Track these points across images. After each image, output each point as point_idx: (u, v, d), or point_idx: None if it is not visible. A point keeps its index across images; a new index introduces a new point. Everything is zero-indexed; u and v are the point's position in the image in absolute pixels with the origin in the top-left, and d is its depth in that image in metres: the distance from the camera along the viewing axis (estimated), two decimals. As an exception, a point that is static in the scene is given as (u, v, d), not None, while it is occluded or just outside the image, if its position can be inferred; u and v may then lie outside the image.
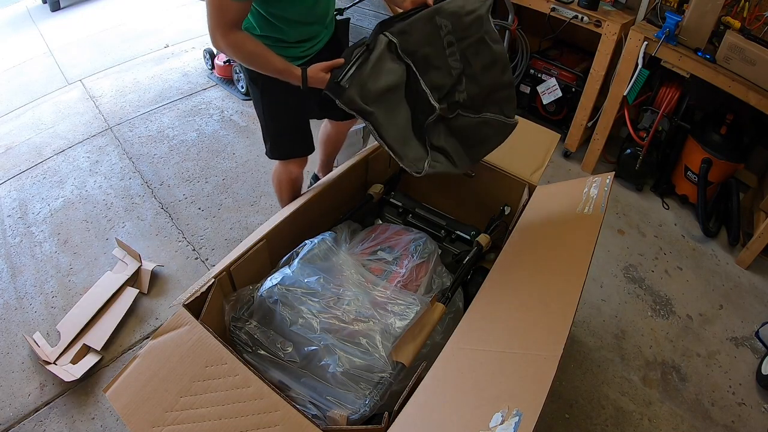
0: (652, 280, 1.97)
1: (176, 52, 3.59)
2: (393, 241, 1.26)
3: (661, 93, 2.12)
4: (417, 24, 1.22)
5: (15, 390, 1.56)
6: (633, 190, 2.40)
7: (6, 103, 3.09)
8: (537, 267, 1.09)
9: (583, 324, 1.78)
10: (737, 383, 1.64)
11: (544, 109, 2.61)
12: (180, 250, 2.03)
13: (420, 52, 1.23)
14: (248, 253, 1.12)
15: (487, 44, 1.21)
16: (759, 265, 2.04)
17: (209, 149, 2.59)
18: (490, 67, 1.23)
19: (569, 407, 1.53)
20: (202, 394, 0.83)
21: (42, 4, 4.59)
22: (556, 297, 0.96)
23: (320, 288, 1.07)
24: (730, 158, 2.03)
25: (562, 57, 2.51)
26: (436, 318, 1.05)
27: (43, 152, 2.59)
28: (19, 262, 2.00)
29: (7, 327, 1.75)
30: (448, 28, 1.21)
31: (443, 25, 1.21)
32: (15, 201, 2.29)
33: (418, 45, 1.22)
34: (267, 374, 0.96)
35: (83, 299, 1.80)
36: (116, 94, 3.09)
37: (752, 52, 1.75)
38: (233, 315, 1.07)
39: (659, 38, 1.91)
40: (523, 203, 1.34)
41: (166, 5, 4.48)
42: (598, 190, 1.20)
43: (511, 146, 1.47)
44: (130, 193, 2.32)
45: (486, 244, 1.30)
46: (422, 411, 0.82)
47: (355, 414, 0.88)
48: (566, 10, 2.20)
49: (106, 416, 1.48)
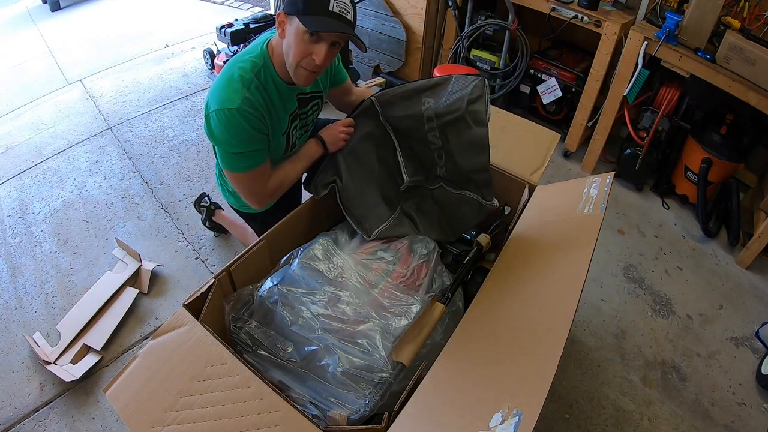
0: (652, 280, 1.97)
1: (176, 52, 3.59)
2: (393, 241, 1.26)
3: (661, 93, 2.12)
4: (402, 96, 1.28)
5: (15, 390, 1.56)
6: (633, 190, 2.40)
7: (6, 103, 3.09)
8: (537, 267, 1.09)
9: (583, 324, 1.78)
10: (737, 383, 1.64)
11: (544, 109, 2.61)
12: (180, 250, 2.03)
13: (402, 123, 1.30)
14: (248, 253, 1.12)
15: (467, 125, 1.20)
16: (759, 265, 2.04)
17: (209, 149, 2.59)
18: (468, 150, 1.23)
19: (569, 407, 1.53)
20: (202, 394, 0.83)
21: (42, 4, 4.60)
22: (556, 297, 0.96)
23: (320, 288, 1.07)
24: (730, 158, 2.03)
25: (562, 57, 2.51)
26: (436, 318, 1.05)
27: (43, 152, 2.59)
28: (19, 262, 2.00)
29: (7, 327, 1.75)
30: (430, 104, 1.24)
31: (426, 101, 1.25)
32: (15, 201, 2.29)
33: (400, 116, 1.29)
34: (267, 374, 0.96)
35: (83, 299, 1.80)
36: (116, 94, 3.09)
37: (752, 52, 1.75)
38: (233, 315, 1.07)
39: (659, 38, 1.91)
40: (523, 203, 1.34)
41: (166, 5, 4.49)
42: (598, 190, 1.20)
43: (511, 146, 1.48)
44: (130, 193, 2.32)
45: (486, 244, 1.30)
46: (422, 411, 0.82)
47: (355, 414, 0.88)
48: (566, 10, 2.20)
49: (106, 416, 1.48)
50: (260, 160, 1.18)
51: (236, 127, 1.10)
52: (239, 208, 1.50)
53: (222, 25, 2.97)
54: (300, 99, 1.27)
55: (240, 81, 1.11)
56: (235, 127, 1.10)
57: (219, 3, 4.59)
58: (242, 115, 1.09)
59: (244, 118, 1.10)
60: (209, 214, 2.03)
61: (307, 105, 1.31)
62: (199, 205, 2.07)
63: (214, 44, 3.24)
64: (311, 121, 1.38)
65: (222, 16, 4.11)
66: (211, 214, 2.03)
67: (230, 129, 1.10)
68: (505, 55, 2.51)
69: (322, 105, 1.40)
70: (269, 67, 1.17)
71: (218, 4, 4.58)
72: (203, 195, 2.07)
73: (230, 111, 1.08)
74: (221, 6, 4.55)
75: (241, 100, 1.09)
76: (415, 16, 2.77)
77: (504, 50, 2.50)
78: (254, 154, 1.16)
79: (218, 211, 2.02)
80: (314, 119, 1.40)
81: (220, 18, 3.62)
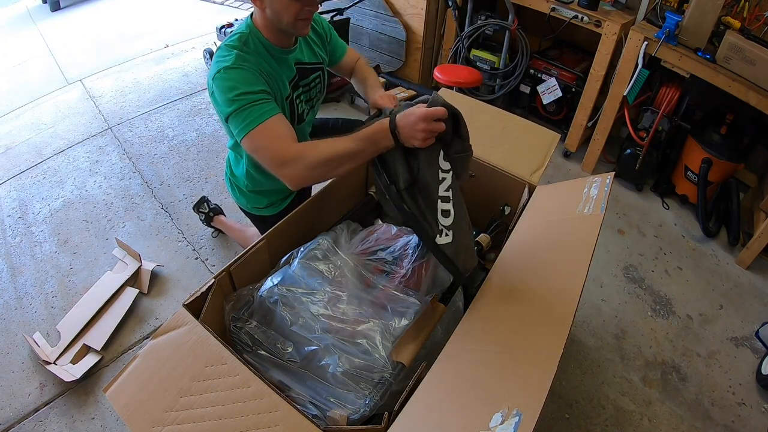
0: (652, 280, 1.97)
1: (176, 52, 3.59)
2: (393, 241, 1.26)
3: (661, 93, 2.12)
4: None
5: (15, 390, 1.56)
6: (633, 190, 2.40)
7: (6, 103, 3.09)
8: (537, 267, 1.09)
9: (583, 324, 1.78)
10: (737, 383, 1.64)
11: (544, 109, 2.61)
12: (180, 250, 2.03)
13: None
14: (248, 253, 1.12)
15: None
16: (759, 265, 2.04)
17: (209, 149, 2.59)
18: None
19: (569, 407, 1.53)
20: (202, 394, 0.83)
21: (42, 4, 4.60)
22: (556, 297, 0.96)
23: (320, 288, 1.07)
24: (730, 158, 2.03)
25: (562, 57, 2.51)
26: (436, 318, 1.05)
27: (43, 152, 2.59)
28: (19, 262, 2.00)
29: (7, 327, 1.75)
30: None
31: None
32: (15, 201, 2.29)
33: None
34: (267, 374, 0.96)
35: (83, 299, 1.80)
36: (116, 94, 3.09)
37: (752, 52, 1.75)
38: (233, 315, 1.07)
39: (659, 38, 1.91)
40: (523, 203, 1.34)
41: (166, 5, 4.49)
42: (598, 190, 1.19)
43: (511, 146, 1.48)
44: (130, 193, 2.32)
45: (486, 244, 1.30)
46: (422, 411, 0.82)
47: (355, 414, 0.88)
48: (566, 10, 2.20)
49: (106, 416, 1.48)
50: (270, 108, 1.06)
51: (233, 80, 1.06)
52: (250, 210, 1.49)
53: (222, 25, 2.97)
54: (300, 69, 1.26)
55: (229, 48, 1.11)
56: (232, 80, 1.06)
57: (219, 3, 4.59)
58: (238, 66, 1.08)
59: (240, 68, 1.08)
60: (208, 221, 2.06)
61: (308, 76, 1.30)
62: (198, 210, 2.08)
63: (214, 44, 3.24)
64: (316, 94, 1.37)
65: (222, 16, 4.11)
66: (209, 221, 2.05)
67: (228, 84, 1.06)
68: (505, 55, 2.51)
69: (326, 79, 1.38)
70: (256, 33, 1.16)
71: (218, 4, 4.58)
72: (203, 200, 2.08)
73: (225, 69, 1.07)
74: (221, 6, 4.55)
75: (234, 57, 1.09)
76: (415, 16, 2.77)
77: (504, 50, 2.50)
78: (260, 103, 1.05)
79: (216, 217, 2.04)
80: (318, 93, 1.38)
81: (220, 18, 3.63)
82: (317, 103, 1.40)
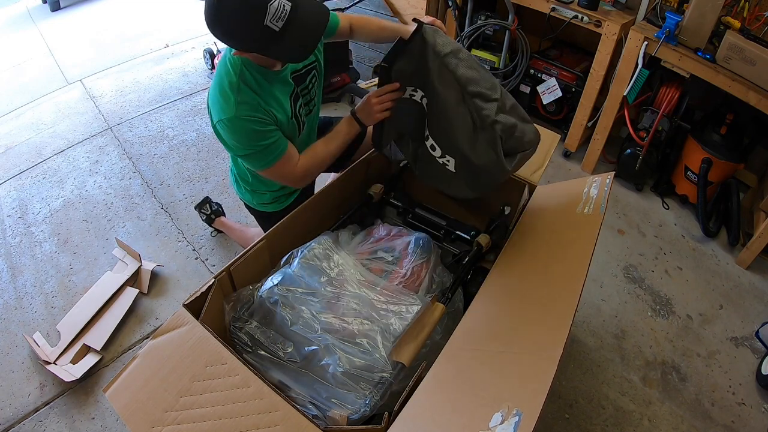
0: (652, 280, 1.97)
1: (176, 52, 3.59)
2: (393, 241, 1.26)
3: (661, 93, 2.12)
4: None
5: (15, 390, 1.56)
6: (633, 190, 2.40)
7: (6, 103, 3.09)
8: (537, 267, 1.09)
9: (583, 324, 1.78)
10: (737, 383, 1.64)
11: (544, 109, 2.61)
12: (180, 250, 2.03)
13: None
14: (248, 253, 1.12)
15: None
16: (759, 265, 2.04)
17: (209, 149, 2.59)
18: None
19: (569, 407, 1.53)
20: (202, 394, 0.83)
21: (42, 4, 4.59)
22: (556, 297, 0.96)
23: (320, 288, 1.07)
24: (730, 158, 2.03)
25: (562, 57, 2.51)
26: (436, 318, 1.05)
27: (43, 152, 2.59)
28: (19, 262, 2.00)
29: (7, 327, 1.75)
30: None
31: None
32: (15, 201, 2.30)
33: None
34: (267, 374, 0.96)
35: (83, 299, 1.80)
36: (116, 94, 3.09)
37: (752, 52, 1.75)
38: (233, 315, 1.07)
39: (659, 38, 1.91)
40: (523, 203, 1.34)
41: (166, 5, 4.48)
42: (598, 190, 1.20)
43: (511, 146, 1.47)
44: (130, 193, 2.32)
45: (486, 244, 1.30)
46: (422, 411, 0.82)
47: (355, 414, 0.88)
48: (566, 10, 2.20)
49: (106, 416, 1.49)
50: (280, 149, 1.18)
51: (242, 131, 1.12)
52: (256, 206, 1.50)
53: (222, 25, 2.96)
54: (295, 77, 1.26)
55: (229, 87, 1.12)
56: (240, 131, 1.12)
57: (219, 3, 4.58)
58: (242, 119, 1.10)
59: (245, 121, 1.11)
60: (209, 222, 2.06)
61: (305, 80, 1.31)
62: (200, 211, 2.09)
63: (214, 44, 3.24)
64: (314, 94, 1.37)
65: (222, 16, 4.10)
66: (210, 222, 2.05)
67: (237, 134, 1.13)
68: (505, 55, 2.51)
69: (321, 73, 1.37)
70: (248, 63, 1.15)
71: (218, 4, 4.57)
72: (206, 201, 2.09)
73: (230, 120, 1.10)
74: (221, 6, 4.53)
75: (235, 106, 1.10)
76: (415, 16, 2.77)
77: (504, 50, 2.50)
78: (271, 148, 1.16)
79: (218, 219, 2.04)
80: (317, 90, 1.38)
81: (220, 18, 3.61)
82: (318, 99, 1.40)
